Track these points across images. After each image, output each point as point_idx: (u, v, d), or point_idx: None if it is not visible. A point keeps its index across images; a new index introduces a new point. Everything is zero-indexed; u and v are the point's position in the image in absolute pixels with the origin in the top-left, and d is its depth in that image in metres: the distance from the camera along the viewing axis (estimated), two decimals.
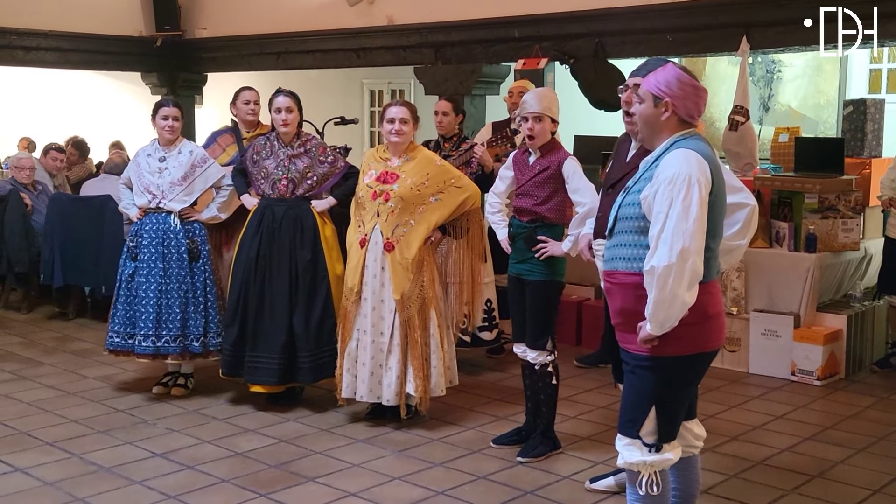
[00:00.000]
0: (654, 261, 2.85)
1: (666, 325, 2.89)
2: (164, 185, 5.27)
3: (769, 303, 6.00)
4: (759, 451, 4.60)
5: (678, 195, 2.83)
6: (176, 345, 5.25)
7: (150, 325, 5.22)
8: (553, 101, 4.39)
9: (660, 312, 2.86)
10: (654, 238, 2.87)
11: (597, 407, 5.26)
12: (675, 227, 2.82)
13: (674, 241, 2.82)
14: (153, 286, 5.23)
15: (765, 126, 9.20)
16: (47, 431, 4.75)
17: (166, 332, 5.23)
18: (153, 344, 5.22)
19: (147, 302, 5.23)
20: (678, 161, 2.88)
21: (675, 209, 2.83)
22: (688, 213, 2.82)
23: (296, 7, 9.45)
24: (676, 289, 2.82)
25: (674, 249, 2.81)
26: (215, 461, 4.39)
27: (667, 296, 2.83)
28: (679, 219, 2.82)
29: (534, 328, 4.39)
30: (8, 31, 9.40)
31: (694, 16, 6.74)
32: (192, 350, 5.30)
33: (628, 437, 3.07)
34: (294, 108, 5.10)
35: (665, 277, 2.82)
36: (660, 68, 3.05)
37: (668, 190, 2.85)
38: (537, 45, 7.49)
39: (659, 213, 2.86)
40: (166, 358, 5.30)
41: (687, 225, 2.82)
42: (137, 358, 5.31)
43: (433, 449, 4.58)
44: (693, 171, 2.85)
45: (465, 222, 4.89)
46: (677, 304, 2.85)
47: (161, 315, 5.23)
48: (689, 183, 2.83)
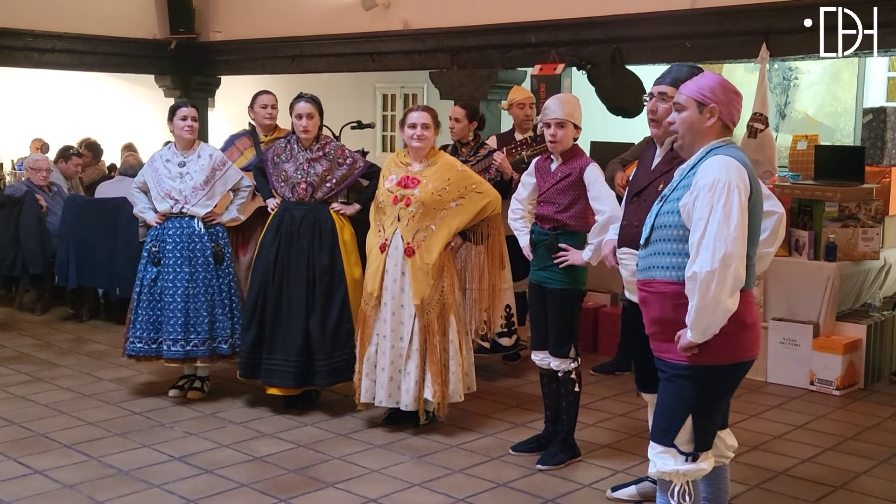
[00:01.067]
0: (695, 267, 2.83)
1: (708, 333, 2.86)
2: (187, 189, 5.26)
3: (788, 311, 5.97)
4: (781, 461, 4.57)
5: (718, 201, 2.82)
6: (205, 348, 5.25)
7: (179, 329, 5.21)
8: (576, 107, 4.36)
9: (702, 319, 2.84)
10: (694, 244, 2.85)
11: (616, 415, 5.22)
12: (717, 233, 2.80)
13: (716, 247, 2.80)
14: (180, 290, 5.22)
15: (781, 133, 9.17)
16: (65, 434, 4.73)
17: (195, 335, 5.23)
18: (182, 348, 5.21)
19: (174, 306, 5.22)
20: (718, 167, 2.86)
21: (717, 215, 2.81)
22: (729, 218, 2.81)
23: (310, 10, 9.44)
24: (719, 295, 2.80)
25: (716, 255, 2.79)
26: (234, 465, 4.37)
27: (709, 302, 2.81)
28: (720, 224, 2.80)
29: (556, 336, 4.37)
30: (23, 32, 9.42)
31: (713, 22, 6.71)
32: (220, 352, 5.30)
33: (662, 446, 3.05)
34: (315, 114, 5.09)
35: (708, 283, 2.80)
36: (698, 75, 3.03)
37: (709, 196, 2.83)
38: (554, 50, 7.47)
39: (699, 220, 2.84)
40: (195, 361, 5.30)
41: (728, 230, 2.80)
42: (166, 363, 5.29)
43: (452, 455, 4.55)
44: (733, 178, 2.84)
45: (486, 228, 4.87)
46: (720, 310, 2.83)
47: (189, 319, 5.22)
48: (728, 189, 2.82)
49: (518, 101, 6.17)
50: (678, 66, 3.81)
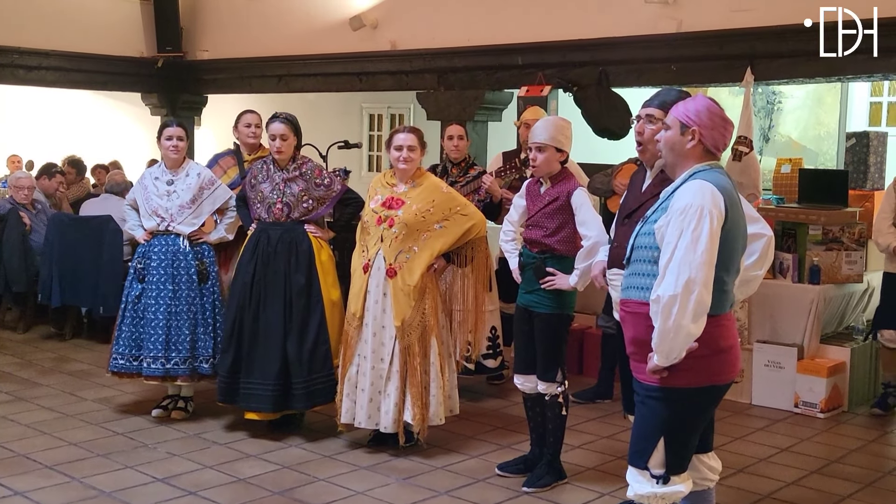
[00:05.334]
0: (660, 290, 2.85)
1: (671, 357, 2.87)
2: (173, 208, 5.25)
3: (772, 334, 5.99)
4: (766, 484, 4.57)
5: (688, 226, 2.83)
6: (185, 367, 5.21)
7: (160, 346, 5.17)
8: (561, 130, 4.34)
9: (664, 343, 2.85)
10: (662, 267, 2.87)
11: (601, 437, 5.22)
12: (683, 258, 2.82)
13: (680, 272, 2.81)
14: (162, 308, 5.20)
15: (765, 157, 9.22)
16: (46, 454, 4.68)
17: (175, 353, 5.19)
18: (162, 366, 5.18)
19: (156, 324, 5.19)
20: (692, 192, 2.88)
21: (685, 240, 2.83)
22: (696, 243, 2.82)
23: (298, 30, 9.46)
24: (680, 319, 2.81)
25: (680, 279, 2.81)
26: (218, 487, 4.33)
27: (671, 326, 2.82)
28: (687, 249, 2.82)
29: (543, 360, 4.36)
30: (9, 49, 9.39)
31: (698, 46, 6.77)
32: (202, 371, 5.26)
33: (637, 468, 3.05)
34: (289, 135, 5.04)
35: (669, 307, 2.81)
36: (691, 98, 3.05)
37: (680, 220, 2.85)
38: (541, 72, 7.52)
39: (668, 244, 2.86)
40: (175, 380, 5.25)
41: (695, 256, 2.81)
42: (145, 380, 5.26)
43: (437, 477, 4.53)
44: (706, 203, 2.85)
45: (470, 251, 4.85)
46: (682, 335, 2.83)
47: (170, 337, 5.19)
48: (700, 214, 2.83)
49: (525, 121, 6.14)
50: (667, 89, 3.84)
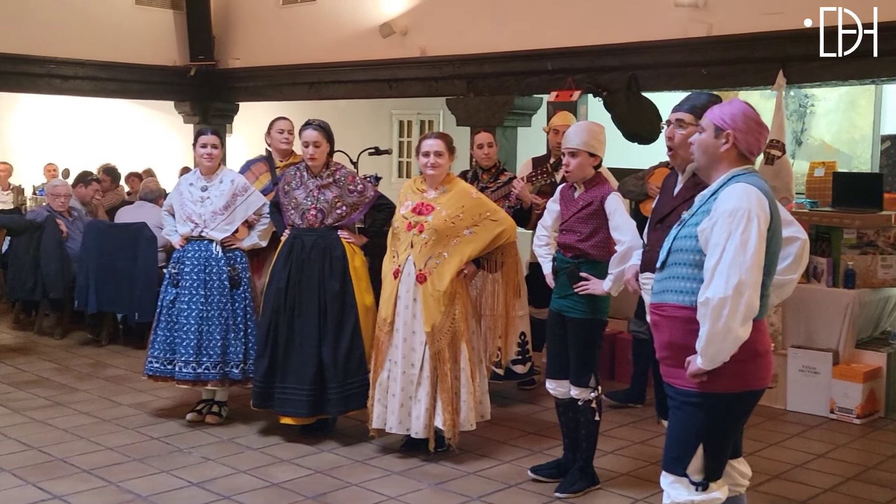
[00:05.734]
0: (708, 292, 2.83)
1: (717, 360, 2.85)
2: (206, 213, 5.32)
3: (807, 339, 5.93)
4: (802, 490, 4.53)
5: (737, 228, 2.82)
6: (216, 371, 5.27)
7: (191, 351, 5.24)
8: (594, 135, 4.34)
9: (712, 346, 2.83)
10: (709, 270, 2.85)
11: (634, 442, 5.19)
12: (733, 260, 2.80)
13: (730, 274, 2.80)
14: (194, 313, 5.27)
15: (798, 160, 9.15)
16: (84, 458, 4.75)
17: (206, 358, 5.26)
18: (193, 370, 5.24)
19: (188, 328, 5.26)
20: (738, 195, 2.87)
21: (734, 242, 2.81)
22: (746, 246, 2.81)
23: (328, 38, 9.55)
24: (731, 322, 2.80)
25: (730, 282, 2.79)
26: (252, 491, 4.36)
27: (720, 329, 2.81)
28: (737, 252, 2.81)
29: (576, 366, 4.35)
30: (47, 60, 9.57)
31: (730, 49, 6.74)
32: (232, 377, 5.32)
33: (674, 475, 3.03)
34: (322, 142, 5.08)
35: (720, 310, 2.79)
36: (727, 101, 3.04)
37: (728, 222, 2.83)
38: (570, 77, 7.52)
39: (716, 246, 2.84)
40: (206, 384, 5.31)
41: (745, 258, 2.80)
42: (177, 384, 5.33)
43: (469, 482, 4.54)
44: (753, 206, 2.84)
45: (500, 256, 4.84)
46: (731, 338, 2.82)
47: (202, 342, 5.25)
48: (748, 217, 2.82)
49: (555, 127, 6.14)
50: (697, 93, 3.83)
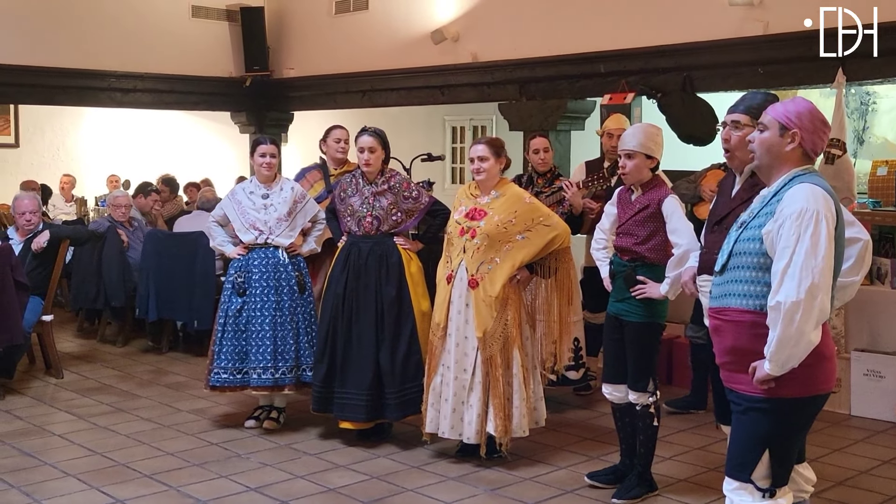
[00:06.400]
0: (780, 296, 2.77)
1: (787, 366, 2.80)
2: (272, 220, 5.39)
3: (871, 342, 5.79)
4: (868, 497, 4.41)
5: (806, 230, 2.76)
6: (292, 375, 5.35)
7: (268, 357, 5.30)
8: (650, 137, 4.29)
9: (784, 351, 2.77)
10: (778, 273, 2.79)
11: (692, 448, 5.12)
12: (804, 263, 2.74)
13: (802, 277, 2.74)
14: (268, 319, 5.33)
15: (860, 159, 8.94)
16: (145, 463, 4.84)
17: (283, 363, 5.34)
18: (272, 376, 5.31)
19: (262, 335, 5.33)
20: (805, 196, 2.81)
21: (804, 244, 2.75)
22: (816, 248, 2.75)
23: (381, 46, 9.60)
24: (804, 326, 2.74)
25: (802, 285, 2.73)
26: (308, 497, 4.40)
27: (793, 333, 2.75)
28: (808, 254, 2.74)
29: (634, 370, 4.31)
30: (107, 73, 9.80)
31: (786, 48, 6.60)
32: (304, 379, 5.39)
33: (738, 482, 2.98)
34: (377, 148, 5.12)
35: (792, 314, 2.74)
36: (790, 100, 2.99)
37: (796, 225, 2.77)
38: (623, 79, 7.45)
39: (785, 248, 2.78)
40: (283, 389, 5.38)
41: (816, 261, 2.74)
42: (254, 391, 5.39)
43: (525, 488, 4.51)
44: (821, 207, 2.78)
45: (554, 261, 4.82)
46: (803, 342, 2.76)
47: (277, 347, 5.33)
48: (816, 218, 2.76)
49: (608, 130, 6.09)
50: (752, 93, 3.76)
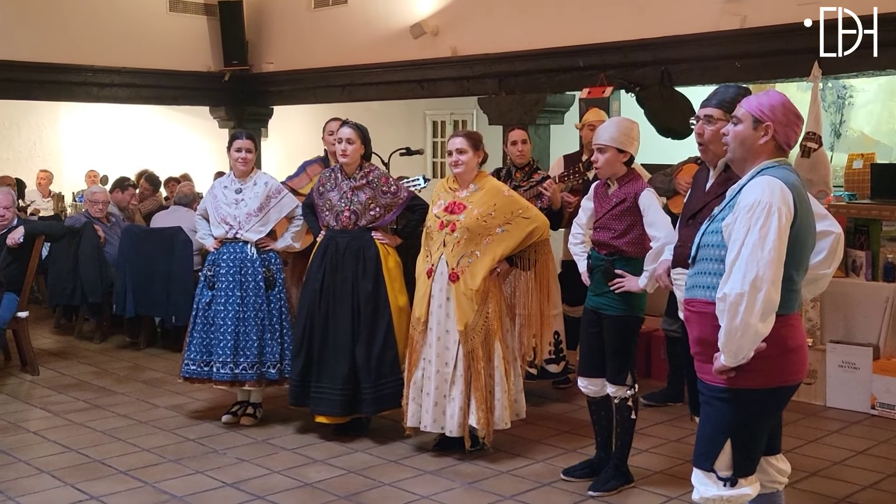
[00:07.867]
0: (726, 288, 2.80)
1: (739, 356, 2.82)
2: (241, 215, 5.37)
3: (846, 334, 5.83)
4: (841, 487, 4.44)
5: (756, 223, 2.78)
6: (253, 372, 5.32)
7: (228, 352, 5.29)
8: (624, 132, 4.28)
9: (731, 342, 2.80)
10: (728, 265, 2.81)
11: (669, 440, 5.14)
12: (750, 255, 2.77)
13: (747, 269, 2.76)
14: (231, 314, 5.31)
15: (836, 153, 9.00)
16: (121, 460, 4.81)
17: (244, 359, 5.31)
18: (231, 371, 5.29)
19: (225, 329, 5.31)
20: (760, 188, 2.82)
21: (752, 237, 2.77)
22: (764, 241, 2.76)
23: (360, 40, 9.58)
24: (748, 318, 2.76)
25: (747, 278, 2.76)
26: (285, 491, 4.39)
27: (738, 325, 2.77)
28: (755, 247, 2.77)
29: (613, 363, 4.32)
30: (83, 68, 9.73)
31: (764, 41, 6.64)
32: (269, 377, 5.36)
33: (703, 471, 3.00)
34: (356, 140, 5.10)
35: (736, 306, 2.76)
36: (763, 92, 3.00)
37: (747, 217, 2.80)
38: (602, 73, 7.46)
39: (735, 241, 2.81)
40: (244, 385, 5.36)
41: (763, 253, 2.76)
42: (215, 385, 5.38)
43: (502, 481, 4.52)
44: (775, 200, 2.79)
45: (533, 254, 4.83)
46: (749, 333, 2.78)
47: (238, 342, 5.30)
48: (768, 211, 2.78)
49: (590, 122, 6.09)
50: (724, 87, 3.77)
